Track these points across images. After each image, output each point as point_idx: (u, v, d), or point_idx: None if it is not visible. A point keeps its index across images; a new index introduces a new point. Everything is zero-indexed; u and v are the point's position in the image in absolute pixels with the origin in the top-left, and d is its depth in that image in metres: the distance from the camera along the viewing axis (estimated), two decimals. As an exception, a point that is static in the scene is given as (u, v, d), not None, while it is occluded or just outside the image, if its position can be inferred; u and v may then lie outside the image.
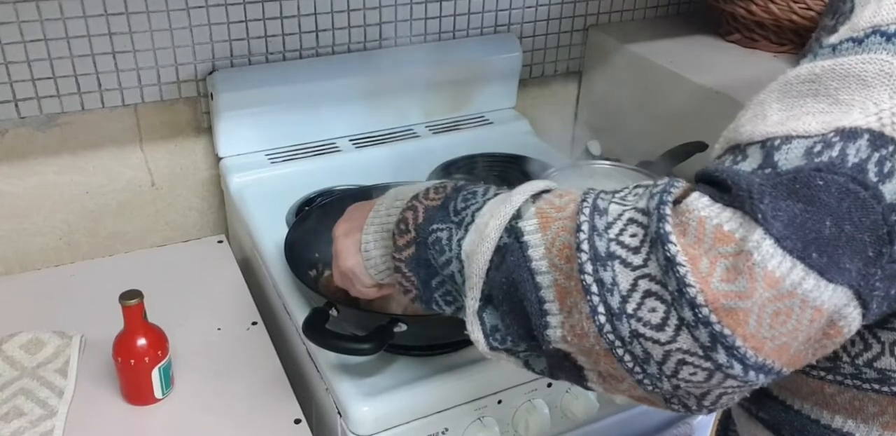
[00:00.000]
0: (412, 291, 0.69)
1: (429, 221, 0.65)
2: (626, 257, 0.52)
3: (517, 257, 0.57)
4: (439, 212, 0.65)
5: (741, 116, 0.56)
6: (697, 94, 1.37)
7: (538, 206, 0.58)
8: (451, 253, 0.63)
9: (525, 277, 0.56)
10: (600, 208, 0.55)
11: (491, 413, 1.00)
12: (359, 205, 0.80)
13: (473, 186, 0.67)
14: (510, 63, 1.51)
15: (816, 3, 1.40)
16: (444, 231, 0.64)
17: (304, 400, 1.03)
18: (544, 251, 0.56)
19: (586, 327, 0.53)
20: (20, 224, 1.30)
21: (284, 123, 1.37)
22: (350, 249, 0.75)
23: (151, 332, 0.96)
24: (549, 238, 0.56)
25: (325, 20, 1.36)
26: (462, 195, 0.66)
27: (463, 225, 0.63)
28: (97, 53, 1.22)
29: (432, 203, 0.67)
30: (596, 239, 0.53)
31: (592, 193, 0.57)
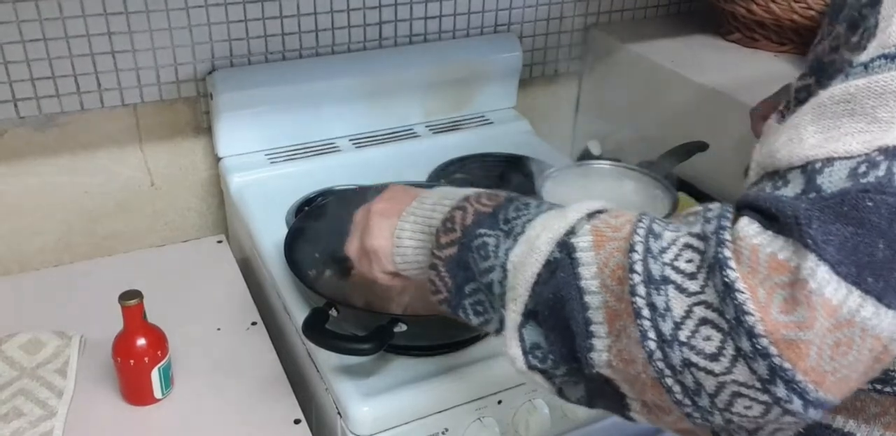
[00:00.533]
0: (442, 293, 0.67)
1: (477, 225, 0.64)
2: (682, 283, 0.51)
3: (567, 274, 0.55)
4: (489, 218, 0.64)
5: (773, 142, 0.55)
6: (698, 93, 1.37)
7: (594, 224, 0.57)
8: (495, 260, 0.61)
9: (574, 295, 0.55)
10: (655, 232, 0.54)
11: (491, 413, 1.00)
12: (401, 188, 0.78)
13: (526, 197, 0.66)
14: (510, 63, 1.51)
15: (817, 3, 1.39)
16: (491, 237, 0.62)
17: (304, 400, 1.03)
18: (596, 270, 0.55)
19: (634, 353, 0.52)
20: (19, 224, 1.30)
21: (284, 123, 1.36)
22: (383, 230, 0.73)
23: (151, 332, 0.96)
24: (602, 257, 0.55)
25: (325, 20, 1.36)
26: (514, 205, 0.64)
27: (512, 235, 0.61)
28: (96, 53, 1.22)
29: (483, 208, 0.65)
30: (650, 262, 0.52)
31: (648, 217, 0.56)
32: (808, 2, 1.40)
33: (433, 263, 0.67)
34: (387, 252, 0.73)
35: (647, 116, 1.51)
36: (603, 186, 1.15)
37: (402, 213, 0.72)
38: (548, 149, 1.46)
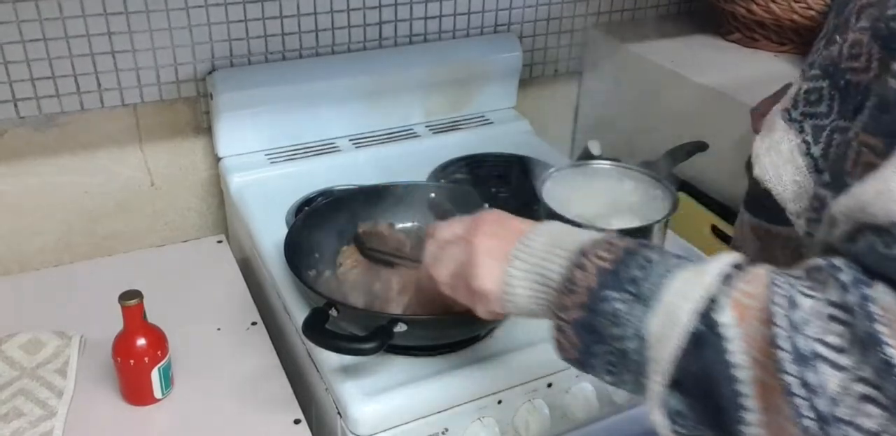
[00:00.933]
0: (569, 351, 0.65)
1: (602, 286, 0.61)
2: (834, 359, 0.49)
3: (715, 352, 0.54)
4: (612, 277, 0.61)
5: (860, 193, 0.52)
6: (698, 93, 1.37)
7: (734, 297, 0.55)
8: (630, 328, 0.59)
9: (722, 370, 0.53)
10: (794, 301, 0.52)
11: (491, 413, 1.00)
12: (499, 218, 0.75)
13: (645, 248, 0.63)
14: (510, 63, 1.51)
15: (817, 3, 1.40)
16: (620, 302, 0.60)
17: (304, 400, 1.03)
18: (744, 345, 0.53)
19: (788, 429, 0.50)
20: (19, 224, 1.30)
21: (284, 123, 1.36)
22: (492, 273, 0.71)
23: (151, 332, 0.96)
24: (747, 331, 0.53)
25: (325, 20, 1.36)
26: (636, 261, 0.62)
27: (642, 299, 0.59)
28: (96, 53, 1.22)
29: (603, 264, 0.63)
30: (796, 337, 0.50)
31: (781, 278, 0.54)
32: (808, 2, 1.40)
33: (558, 325, 0.65)
34: (496, 297, 0.71)
35: (646, 116, 1.51)
36: (603, 186, 1.15)
37: (510, 257, 0.69)
38: (548, 149, 1.46)
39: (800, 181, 0.61)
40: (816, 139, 0.61)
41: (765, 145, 0.64)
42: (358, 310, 0.97)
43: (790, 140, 0.62)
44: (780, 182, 0.62)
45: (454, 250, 0.75)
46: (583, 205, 1.10)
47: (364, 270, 1.06)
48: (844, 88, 0.59)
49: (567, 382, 1.04)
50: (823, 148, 0.60)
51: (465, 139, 1.45)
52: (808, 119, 0.62)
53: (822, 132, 0.60)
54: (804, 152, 0.61)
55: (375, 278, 1.02)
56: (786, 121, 0.64)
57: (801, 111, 0.63)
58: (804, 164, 0.61)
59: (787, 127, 0.63)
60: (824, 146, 0.60)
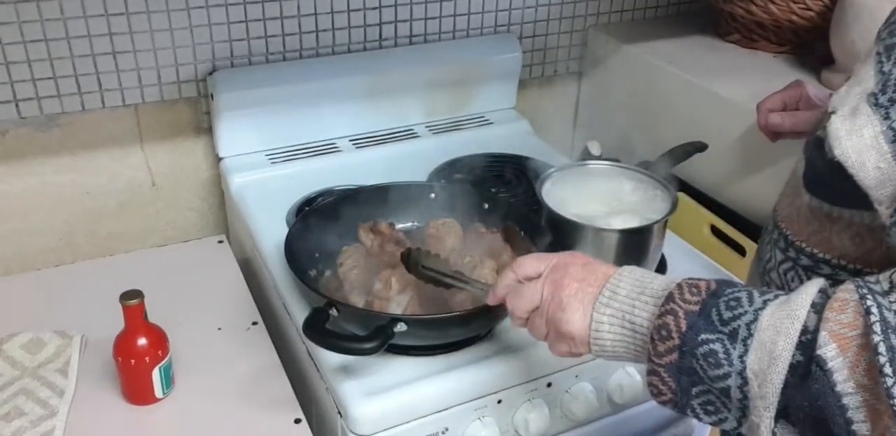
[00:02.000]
0: (666, 394, 0.67)
1: (694, 331, 0.63)
2: None
3: (822, 384, 0.55)
4: (701, 319, 0.63)
5: None
6: (697, 94, 1.37)
7: (829, 328, 0.56)
8: (729, 368, 0.61)
9: (831, 401, 0.55)
10: (891, 324, 0.53)
11: (491, 413, 1.00)
12: (585, 260, 0.76)
13: (730, 288, 0.64)
14: (510, 63, 1.51)
15: (816, 4, 1.40)
16: (715, 343, 0.61)
17: (304, 400, 1.03)
18: (848, 373, 0.54)
19: None
20: (20, 224, 1.30)
21: (284, 123, 1.37)
22: (578, 317, 0.72)
23: (152, 332, 0.97)
24: (850, 360, 0.55)
25: (326, 20, 1.36)
26: (724, 302, 0.63)
27: (738, 338, 0.60)
28: (97, 54, 1.22)
29: (691, 308, 0.64)
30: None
31: (871, 300, 0.55)
32: (806, 2, 1.40)
33: (653, 369, 0.66)
34: (583, 340, 0.73)
35: (646, 116, 1.51)
36: (603, 186, 1.15)
37: (596, 303, 0.71)
38: (548, 149, 1.46)
39: (883, 168, 0.60)
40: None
41: (845, 128, 0.63)
42: (358, 310, 0.98)
43: (874, 126, 0.61)
44: (863, 168, 0.61)
45: (536, 288, 0.77)
46: (583, 205, 1.11)
47: (364, 270, 1.06)
48: None
49: (567, 381, 1.04)
50: None
51: (465, 139, 1.45)
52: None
53: None
54: (890, 139, 0.60)
55: (375, 278, 1.03)
56: (871, 105, 0.62)
57: (889, 96, 0.62)
58: (889, 150, 0.60)
59: (872, 112, 0.62)
60: None
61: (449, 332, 0.98)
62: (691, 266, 1.17)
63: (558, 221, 1.07)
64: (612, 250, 1.07)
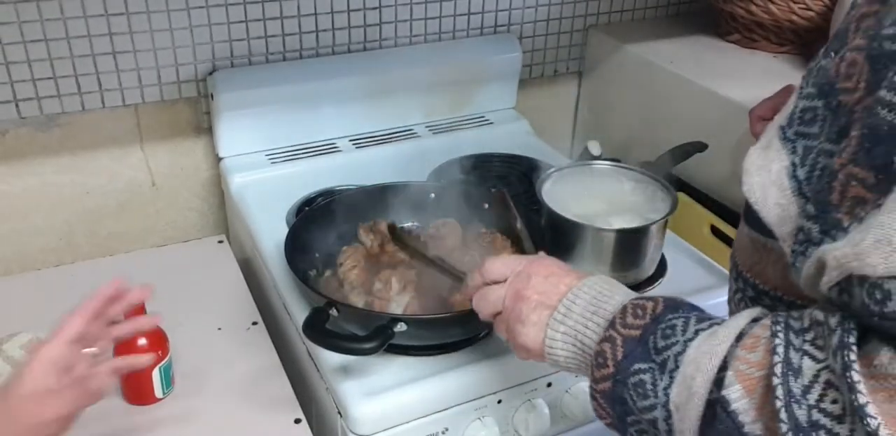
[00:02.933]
0: (606, 418, 0.68)
1: (630, 360, 0.63)
2: (832, 427, 0.50)
3: (728, 426, 0.55)
4: (639, 347, 0.63)
5: (858, 241, 0.49)
6: (697, 94, 1.37)
7: (736, 368, 0.56)
8: (655, 399, 0.61)
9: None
10: (794, 366, 0.52)
11: (491, 413, 1.00)
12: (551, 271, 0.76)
13: (672, 314, 0.64)
14: (510, 63, 1.51)
15: (816, 4, 1.40)
16: (646, 373, 0.62)
17: (304, 400, 1.03)
18: (755, 414, 0.54)
19: None
20: (20, 224, 1.30)
21: (284, 123, 1.37)
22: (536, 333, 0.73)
23: (152, 332, 0.96)
24: (756, 401, 0.54)
25: (326, 20, 1.36)
26: (661, 329, 0.63)
27: (666, 370, 0.61)
28: (98, 54, 1.22)
29: (631, 333, 0.65)
30: (794, 407, 0.51)
31: (780, 339, 0.54)
32: (806, 2, 1.40)
33: (592, 395, 0.67)
34: (538, 353, 0.74)
35: (646, 116, 1.51)
36: (603, 186, 1.15)
37: (551, 319, 0.72)
38: (548, 149, 1.46)
39: (783, 204, 0.59)
40: (804, 161, 0.58)
41: (758, 163, 0.62)
42: (358, 310, 0.98)
43: (781, 160, 0.60)
44: (766, 205, 0.60)
45: (500, 293, 0.78)
46: (583, 205, 1.11)
47: (364, 270, 1.06)
48: (835, 110, 0.57)
49: (567, 382, 1.04)
50: (808, 171, 0.58)
51: (465, 139, 1.45)
52: (801, 139, 0.60)
53: (809, 154, 0.58)
54: (790, 174, 0.59)
55: (375, 278, 1.03)
56: (780, 139, 0.61)
57: (794, 130, 0.60)
58: (789, 186, 0.58)
59: (781, 146, 0.61)
60: (808, 169, 0.58)
61: (449, 332, 0.98)
62: (691, 266, 1.17)
63: (558, 221, 1.07)
64: (612, 250, 1.07)
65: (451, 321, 0.96)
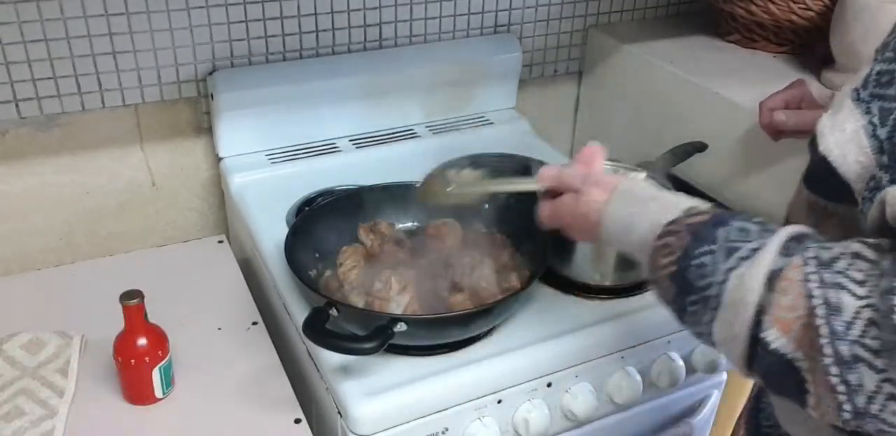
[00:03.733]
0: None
1: (680, 293, 0.67)
2: (871, 360, 0.54)
3: (771, 360, 0.59)
4: (681, 283, 0.66)
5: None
6: (697, 94, 1.37)
7: (772, 313, 0.59)
8: (702, 328, 0.65)
9: (785, 369, 0.59)
10: (833, 304, 0.56)
11: (491, 413, 1.00)
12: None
13: (704, 244, 0.66)
14: (510, 63, 1.51)
15: (816, 4, 1.40)
16: (696, 305, 0.65)
17: (304, 400, 1.03)
18: (795, 346, 0.58)
19: (832, 418, 0.57)
20: (20, 224, 1.30)
21: (284, 123, 1.37)
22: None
23: (152, 332, 0.97)
24: (794, 336, 0.58)
25: (326, 20, 1.36)
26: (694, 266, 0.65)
27: (709, 307, 0.64)
28: (97, 54, 1.22)
29: (669, 271, 0.67)
30: (838, 344, 0.55)
31: (814, 281, 0.57)
32: (806, 2, 1.40)
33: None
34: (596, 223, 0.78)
35: (646, 116, 1.51)
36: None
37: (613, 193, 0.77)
38: (548, 149, 1.46)
39: (863, 162, 0.62)
40: (884, 121, 0.61)
41: (829, 123, 0.65)
42: (358, 310, 0.98)
43: (856, 120, 0.63)
44: (845, 161, 0.63)
45: (579, 176, 0.82)
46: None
47: (364, 270, 1.06)
48: None
49: (567, 381, 1.04)
50: (889, 131, 0.61)
51: (465, 139, 1.45)
52: (876, 100, 0.63)
53: (889, 115, 0.61)
54: (870, 134, 0.62)
55: (375, 278, 1.03)
56: (853, 100, 0.64)
57: (869, 92, 0.63)
58: (869, 145, 0.62)
59: (854, 107, 0.64)
60: (890, 130, 0.61)
61: (449, 332, 0.98)
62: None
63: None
64: (613, 250, 1.07)
65: (451, 321, 0.96)
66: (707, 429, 1.26)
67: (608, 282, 1.10)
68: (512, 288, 1.02)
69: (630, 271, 1.10)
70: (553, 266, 1.09)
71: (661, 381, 1.10)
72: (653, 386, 1.11)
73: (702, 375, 1.16)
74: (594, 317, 1.07)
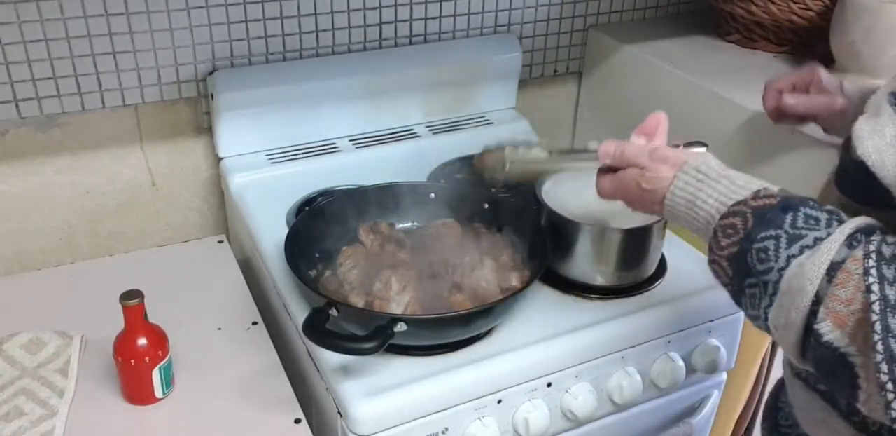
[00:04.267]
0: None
1: (739, 276, 0.67)
2: None
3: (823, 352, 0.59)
4: (740, 265, 0.67)
5: None
6: (697, 94, 1.37)
7: (827, 305, 0.59)
8: (758, 312, 0.66)
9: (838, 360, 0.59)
10: (891, 302, 0.55)
11: (491, 413, 1.00)
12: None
13: (769, 229, 0.66)
14: (510, 63, 1.51)
15: (816, 4, 1.40)
16: (755, 288, 0.65)
17: (304, 400, 1.03)
18: (848, 341, 0.58)
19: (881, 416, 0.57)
20: (20, 224, 1.30)
21: (284, 123, 1.37)
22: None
23: (152, 332, 0.97)
24: (848, 331, 0.58)
25: (325, 20, 1.36)
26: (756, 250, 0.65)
27: (768, 293, 0.64)
28: (97, 54, 1.22)
29: (730, 252, 0.68)
30: (891, 341, 0.55)
31: (874, 276, 0.57)
32: (806, 3, 1.40)
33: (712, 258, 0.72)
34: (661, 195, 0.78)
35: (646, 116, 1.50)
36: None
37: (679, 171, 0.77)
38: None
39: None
40: None
41: (868, 127, 0.65)
42: (358, 310, 0.98)
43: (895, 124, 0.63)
44: (883, 166, 0.63)
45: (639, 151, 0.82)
46: (583, 205, 1.11)
47: (364, 270, 1.06)
48: None
49: (567, 381, 1.04)
50: None
51: (465, 139, 1.45)
52: None
53: None
54: None
55: (375, 278, 1.03)
56: (891, 105, 0.64)
57: None
58: None
59: (893, 112, 0.64)
60: None
61: (449, 332, 0.98)
62: (691, 266, 1.17)
63: (558, 221, 1.07)
64: (613, 250, 1.07)
65: (451, 321, 0.96)
66: (707, 429, 1.26)
67: (608, 282, 1.10)
68: (512, 288, 1.02)
69: (628, 271, 1.10)
70: (553, 266, 1.09)
71: (661, 381, 1.10)
72: (653, 386, 1.11)
73: (702, 375, 1.16)
74: (594, 317, 1.07)
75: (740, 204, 0.69)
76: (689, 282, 1.14)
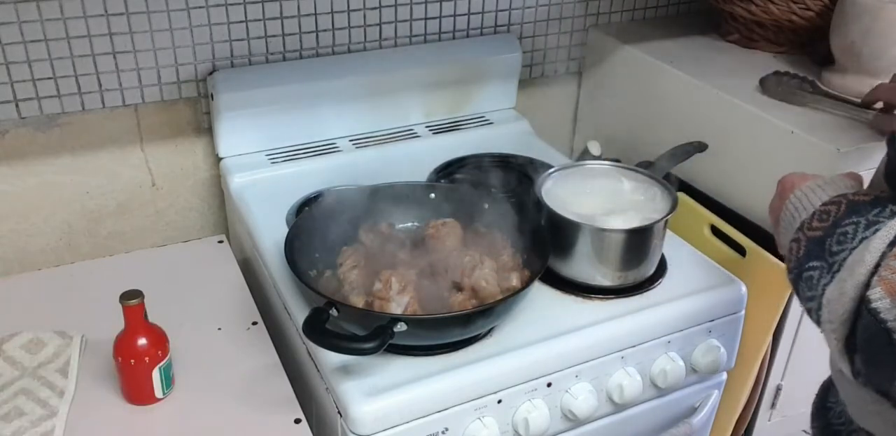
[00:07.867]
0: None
1: (807, 257, 0.70)
2: None
3: (870, 321, 0.60)
4: (816, 248, 0.69)
5: None
6: (697, 94, 1.37)
7: (881, 273, 0.60)
8: (815, 292, 0.67)
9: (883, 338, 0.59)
10: None
11: (491, 413, 1.00)
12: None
13: (854, 216, 0.68)
14: (510, 63, 1.51)
15: (815, 4, 1.40)
16: (816, 270, 0.68)
17: (304, 400, 1.03)
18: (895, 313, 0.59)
19: None
20: (20, 224, 1.30)
21: (284, 123, 1.37)
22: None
23: (152, 332, 0.97)
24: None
25: (325, 20, 1.36)
26: (838, 234, 0.68)
27: (831, 271, 0.66)
28: (97, 54, 1.22)
29: (814, 234, 0.70)
30: None
31: None
32: (806, 3, 1.40)
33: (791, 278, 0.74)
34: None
35: (646, 116, 1.51)
36: (602, 186, 1.15)
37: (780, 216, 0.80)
38: (548, 149, 1.46)
39: None
40: None
41: None
42: (358, 310, 0.98)
43: None
44: None
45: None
46: (582, 205, 1.11)
47: (364, 270, 1.06)
48: None
49: (567, 381, 1.04)
50: None
51: (465, 139, 1.45)
52: None
53: None
54: None
55: (375, 278, 1.03)
56: None
57: None
58: None
59: None
60: None
61: (449, 332, 0.98)
62: (691, 266, 1.17)
63: (558, 221, 1.07)
64: (613, 250, 1.07)
65: (451, 321, 0.96)
66: (707, 429, 1.26)
67: (608, 282, 1.10)
68: (512, 288, 1.02)
69: (628, 271, 1.10)
70: (553, 266, 1.09)
71: (661, 381, 1.10)
72: (653, 386, 1.11)
73: (702, 375, 1.16)
74: (594, 317, 1.07)
75: (843, 196, 0.72)
76: (689, 282, 1.14)
